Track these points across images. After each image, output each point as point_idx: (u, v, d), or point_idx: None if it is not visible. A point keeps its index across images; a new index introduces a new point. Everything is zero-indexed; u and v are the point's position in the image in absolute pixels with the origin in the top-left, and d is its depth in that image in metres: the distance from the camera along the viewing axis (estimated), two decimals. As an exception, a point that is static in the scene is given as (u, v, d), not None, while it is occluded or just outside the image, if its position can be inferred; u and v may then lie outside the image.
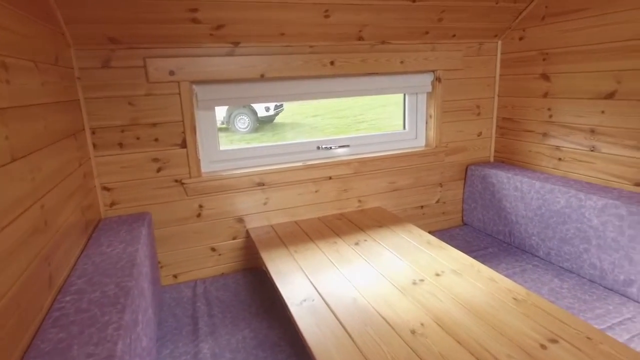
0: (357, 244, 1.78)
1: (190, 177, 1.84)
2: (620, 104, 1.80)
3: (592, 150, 1.94)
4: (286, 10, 1.70)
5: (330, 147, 2.18)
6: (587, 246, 1.80)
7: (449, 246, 1.70)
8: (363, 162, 2.17)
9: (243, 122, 7.86)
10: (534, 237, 2.06)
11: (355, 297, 1.36)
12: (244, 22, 1.69)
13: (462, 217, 2.55)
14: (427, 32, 2.09)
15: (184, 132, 1.81)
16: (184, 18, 1.60)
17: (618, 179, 1.85)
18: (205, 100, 1.86)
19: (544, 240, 2.00)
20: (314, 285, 1.45)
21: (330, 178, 2.13)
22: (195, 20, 1.63)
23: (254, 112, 7.88)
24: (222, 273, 2.03)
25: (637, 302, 1.63)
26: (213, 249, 1.98)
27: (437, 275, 1.48)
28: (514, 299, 1.30)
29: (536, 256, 2.06)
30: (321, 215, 2.16)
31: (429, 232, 2.46)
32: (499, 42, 2.36)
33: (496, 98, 2.45)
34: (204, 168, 1.94)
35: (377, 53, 2.05)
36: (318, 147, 2.17)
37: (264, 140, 7.49)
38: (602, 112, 1.87)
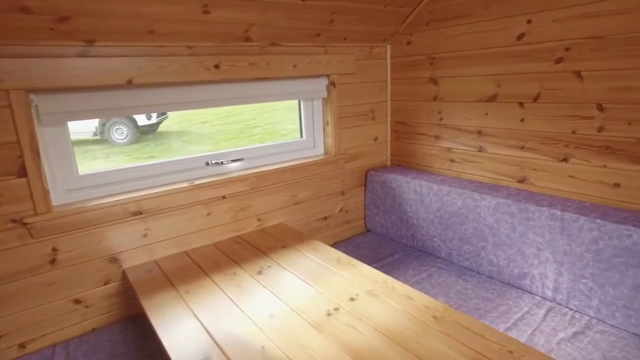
0: (260, 272, 1.56)
1: (35, 215, 1.41)
2: (500, 106, 1.89)
3: (480, 151, 2.03)
4: (153, 2, 1.40)
5: (222, 162, 1.92)
6: (484, 244, 1.86)
7: (359, 263, 1.58)
8: (260, 176, 1.95)
9: (121, 132, 6.98)
10: (435, 239, 2.08)
11: (264, 345, 1.14)
12: (97, 14, 1.34)
13: (365, 224, 2.51)
14: (319, 34, 1.96)
15: (21, 157, 1.37)
16: (10, 6, 1.20)
17: (504, 177, 1.95)
18: (50, 114, 1.45)
19: (445, 241, 2.03)
20: (212, 335, 1.19)
21: (224, 197, 1.87)
22: (25, 10, 1.23)
23: (133, 121, 7.06)
24: (94, 329, 1.62)
25: (531, 293, 1.72)
26: (77, 301, 1.56)
27: (352, 299, 1.34)
28: (433, 317, 1.23)
29: (439, 257, 2.09)
30: (217, 240, 1.88)
31: (334, 243, 2.35)
32: (388, 46, 2.36)
33: (389, 102, 2.45)
34: (57, 200, 1.52)
35: (267, 56, 1.85)
36: (207, 163, 1.88)
37: (148, 152, 6.75)
38: (486, 114, 1.96)
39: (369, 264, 2.05)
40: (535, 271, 1.68)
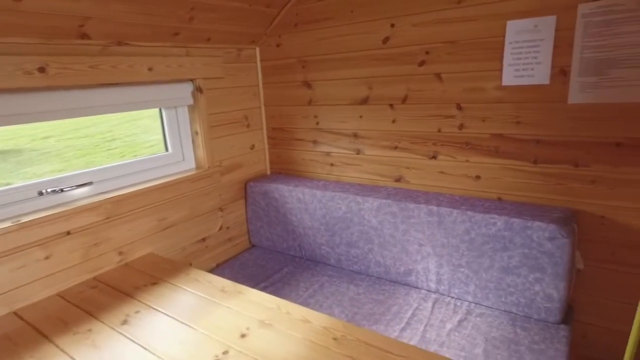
0: (125, 322, 1.26)
1: None
2: (373, 108, 1.92)
3: (358, 153, 2.04)
4: None
5: (62, 190, 1.53)
6: (371, 246, 1.86)
7: (248, 289, 1.41)
8: (118, 201, 1.62)
9: None
10: (323, 247, 2.02)
11: (134, 423, 0.89)
12: None
13: (250, 239, 2.33)
14: (177, 33, 1.72)
15: None
16: None
17: (382, 178, 1.99)
18: None
19: (333, 247, 1.99)
20: None
21: (68, 233, 1.49)
22: None
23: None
24: None
25: (417, 287, 1.78)
26: None
27: (243, 336, 1.16)
28: (334, 339, 1.13)
29: (328, 265, 2.04)
30: (63, 288, 1.49)
31: (217, 265, 2.12)
32: (257, 49, 2.22)
33: (263, 107, 2.32)
34: None
35: (113, 57, 1.53)
36: (41, 193, 1.48)
37: (-34, 179, 5.35)
38: (360, 116, 1.97)
39: (258, 283, 1.89)
40: (419, 266, 1.74)
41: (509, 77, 1.54)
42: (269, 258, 2.16)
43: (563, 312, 1.47)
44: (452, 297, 1.69)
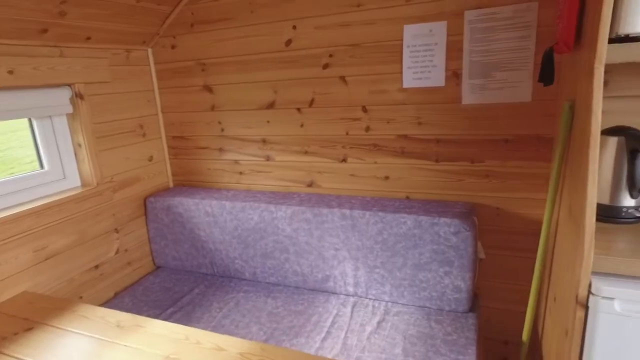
0: (-12, 384, 1.02)
1: None
2: (280, 112, 1.86)
3: (267, 160, 1.96)
4: None
5: None
6: (287, 255, 1.79)
7: (149, 320, 1.24)
8: (-26, 233, 1.32)
9: None
10: (237, 261, 1.90)
11: None
12: None
13: (154, 261, 2.10)
14: (45, 30, 1.47)
15: None
16: None
17: (295, 184, 1.93)
18: None
19: (247, 260, 1.88)
20: None
21: None
22: None
23: None
24: None
25: (335, 293, 1.75)
26: None
27: (144, 378, 1.01)
28: (250, 366, 1.03)
29: (244, 279, 1.92)
30: None
31: (116, 294, 1.87)
32: (150, 50, 2.02)
33: (160, 114, 2.11)
34: None
35: (-44, 56, 1.25)
36: None
37: None
38: (268, 121, 1.90)
39: (165, 310, 1.70)
40: (336, 271, 1.72)
41: (409, 80, 1.59)
42: (177, 279, 1.97)
43: (470, 301, 1.55)
44: (370, 299, 1.69)
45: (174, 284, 1.92)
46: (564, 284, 1.18)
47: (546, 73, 1.25)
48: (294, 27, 1.72)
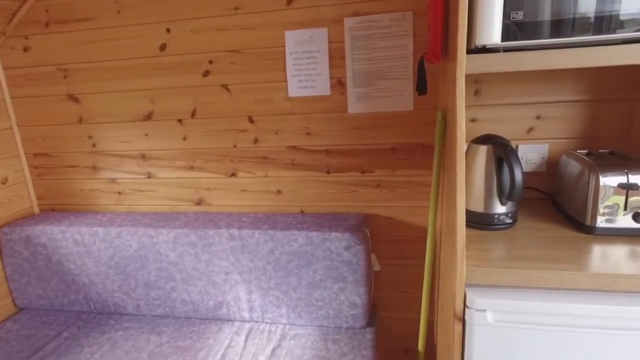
0: None
1: None
2: (159, 124, 1.67)
3: (149, 177, 1.75)
4: None
5: None
6: (173, 284, 1.60)
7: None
8: None
9: None
10: (116, 294, 1.66)
11: None
12: None
13: (14, 302, 1.77)
14: None
15: None
16: None
17: (182, 202, 1.75)
18: None
19: (128, 293, 1.65)
20: None
21: None
22: None
23: None
24: None
25: (230, 320, 1.61)
26: None
27: None
28: None
29: (126, 314, 1.69)
30: None
31: (-42, 351, 1.53)
32: (-5, 53, 1.70)
33: (16, 129, 1.79)
34: None
35: None
36: None
37: None
38: (146, 135, 1.69)
39: (18, 365, 1.42)
40: (229, 297, 1.57)
41: (294, 88, 1.51)
42: (42, 322, 1.67)
43: (368, 315, 1.51)
44: (267, 323, 1.57)
45: (36, 329, 1.63)
46: (447, 295, 1.17)
47: (420, 82, 1.24)
48: (168, 30, 1.55)
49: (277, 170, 1.62)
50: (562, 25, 0.89)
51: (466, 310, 0.99)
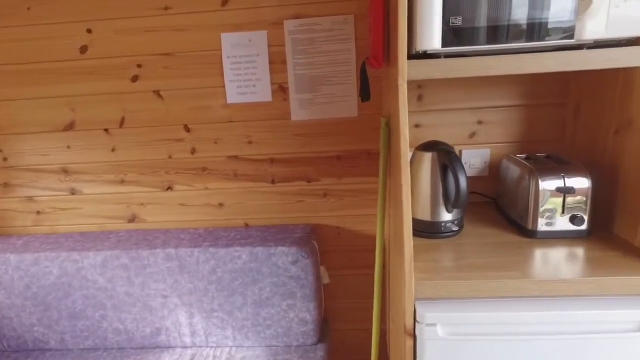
0: None
1: None
2: (83, 135, 1.50)
3: (73, 194, 1.57)
4: None
5: None
6: (103, 312, 1.44)
7: None
8: None
9: None
10: (36, 328, 1.47)
11: None
12: None
13: None
14: None
15: None
16: None
17: (113, 221, 1.59)
18: None
19: (50, 326, 1.46)
20: None
21: None
22: None
23: None
24: None
25: (170, 347, 1.47)
26: None
27: None
28: None
29: (48, 350, 1.50)
30: None
31: None
32: None
33: None
34: None
35: None
36: None
37: None
38: (68, 147, 1.52)
39: None
40: (168, 322, 1.44)
41: (233, 95, 1.42)
42: (-57, 368, 1.44)
43: (319, 331, 1.44)
44: (211, 347, 1.46)
45: (-64, 376, 1.40)
46: (397, 308, 1.14)
47: (363, 89, 1.21)
48: (89, 31, 1.40)
49: (218, 182, 1.51)
50: (498, 32, 0.88)
51: (417, 325, 0.95)
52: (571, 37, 0.87)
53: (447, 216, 1.13)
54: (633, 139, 1.02)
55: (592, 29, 0.85)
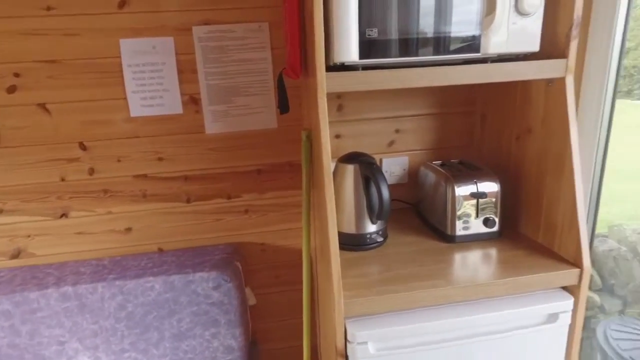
0: None
1: None
2: (-55, 158, 1.24)
3: None
4: None
5: None
6: (-19, 370, 1.19)
7: None
8: None
9: None
10: None
11: None
12: None
13: None
14: None
15: None
16: None
17: (-11, 258, 1.33)
18: None
19: None
20: None
21: None
22: None
23: None
24: None
25: (74, 399, 1.27)
26: None
27: None
28: None
29: None
30: None
31: None
32: None
33: None
34: None
35: None
36: None
37: None
38: None
39: None
40: (68, 371, 1.24)
41: (137, 107, 1.27)
42: None
43: (247, 357, 1.35)
44: (124, 392, 1.29)
45: None
46: (327, 327, 1.10)
47: (281, 100, 1.15)
48: (-54, 32, 1.16)
49: (124, 204, 1.35)
50: (409, 44, 0.89)
51: (347, 345, 0.92)
52: (477, 50, 0.91)
53: (371, 227, 1.12)
54: (532, 145, 1.10)
55: (496, 43, 0.90)
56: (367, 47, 0.87)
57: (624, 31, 1.15)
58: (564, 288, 1.00)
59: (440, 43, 0.90)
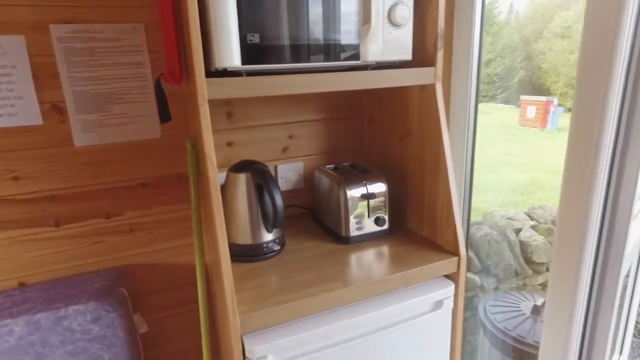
0: None
1: None
2: None
3: None
4: None
5: None
6: None
7: None
8: None
9: None
10: None
11: None
12: None
13: None
14: None
15: None
16: None
17: None
18: None
19: None
20: None
21: None
22: None
23: None
24: None
25: None
26: None
27: None
28: None
29: None
30: None
31: None
32: None
33: None
34: None
35: None
36: None
37: None
38: None
39: None
40: None
41: (-20, 118, 1.06)
42: None
43: (139, 392, 1.22)
44: None
45: None
46: (227, 344, 1.04)
47: (161, 108, 1.07)
48: None
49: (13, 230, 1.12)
50: (296, 51, 0.89)
51: (247, 361, 0.88)
52: (358, 58, 0.94)
53: (268, 236, 1.10)
54: (413, 146, 1.18)
55: (373, 51, 0.95)
56: (251, 52, 0.85)
57: (479, 44, 1.30)
58: (447, 276, 1.10)
59: (326, 50, 0.91)
